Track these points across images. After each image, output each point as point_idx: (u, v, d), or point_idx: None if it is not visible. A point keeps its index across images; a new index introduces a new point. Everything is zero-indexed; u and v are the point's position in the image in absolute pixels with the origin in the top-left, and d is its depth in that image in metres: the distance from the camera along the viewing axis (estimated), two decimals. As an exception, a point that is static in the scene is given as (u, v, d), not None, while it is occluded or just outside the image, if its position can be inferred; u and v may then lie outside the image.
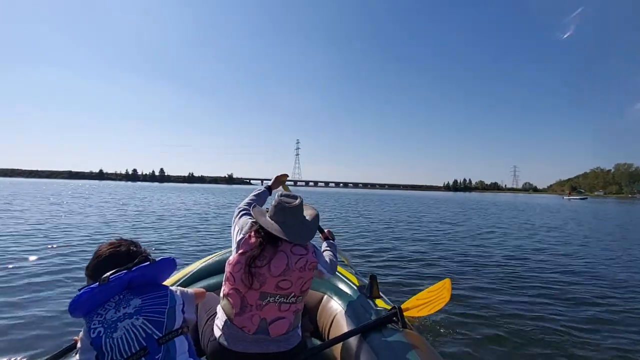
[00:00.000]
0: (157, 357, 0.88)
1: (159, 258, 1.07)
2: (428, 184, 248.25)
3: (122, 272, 0.96)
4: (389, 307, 1.55)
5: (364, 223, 10.95)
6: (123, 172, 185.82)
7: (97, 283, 0.91)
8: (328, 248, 1.68)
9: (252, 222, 1.34)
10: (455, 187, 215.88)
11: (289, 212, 1.31)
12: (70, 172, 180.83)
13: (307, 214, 1.43)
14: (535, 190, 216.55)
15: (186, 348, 0.96)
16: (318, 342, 1.57)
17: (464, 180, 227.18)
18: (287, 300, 1.26)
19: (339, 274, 2.02)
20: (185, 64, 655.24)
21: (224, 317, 1.25)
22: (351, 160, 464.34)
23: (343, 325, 1.55)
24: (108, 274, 0.93)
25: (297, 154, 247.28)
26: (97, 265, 1.04)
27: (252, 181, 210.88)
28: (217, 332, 1.26)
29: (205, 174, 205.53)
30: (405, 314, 1.46)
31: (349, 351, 1.34)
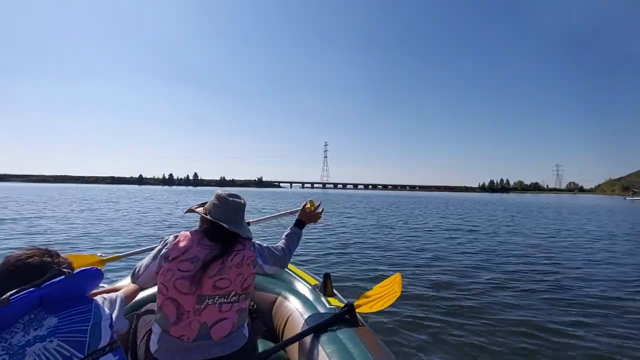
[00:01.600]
0: None
1: (78, 269, 0.91)
2: (462, 184, 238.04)
3: (28, 291, 0.80)
4: (342, 305, 1.53)
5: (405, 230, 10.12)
6: (160, 176, 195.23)
7: None
8: (286, 237, 1.58)
9: (174, 235, 1.28)
10: (491, 187, 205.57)
11: (236, 210, 1.33)
12: (113, 177, 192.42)
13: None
14: (582, 190, 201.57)
15: None
16: (271, 344, 1.50)
17: (501, 180, 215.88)
18: (229, 300, 1.22)
19: (293, 274, 2.00)
20: (218, 73, 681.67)
21: (159, 330, 1.18)
22: (380, 162, 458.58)
23: (297, 325, 1.53)
24: (9, 294, 0.77)
25: (325, 157, 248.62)
26: (6, 279, 0.86)
27: (281, 184, 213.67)
28: (153, 347, 1.18)
29: (236, 178, 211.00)
30: (357, 310, 1.45)
31: (302, 351, 1.32)
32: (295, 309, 1.65)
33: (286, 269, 2.08)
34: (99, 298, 0.96)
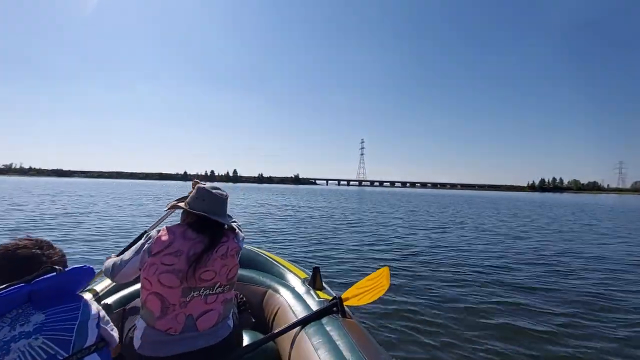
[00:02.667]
0: None
1: (70, 267, 0.89)
2: (509, 183, 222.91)
3: (18, 286, 0.78)
4: (330, 298, 1.56)
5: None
6: (202, 173, 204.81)
7: None
8: None
9: (156, 230, 1.26)
10: (542, 187, 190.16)
11: (220, 203, 1.34)
12: (160, 173, 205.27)
13: None
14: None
15: None
16: (260, 335, 1.51)
17: (554, 179, 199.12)
18: (214, 291, 1.24)
19: (283, 268, 2.05)
20: (253, 74, 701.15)
21: (143, 325, 1.19)
22: (419, 159, 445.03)
23: (286, 318, 1.56)
24: None
25: (362, 154, 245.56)
26: None
27: (317, 181, 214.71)
28: (137, 343, 1.18)
29: (273, 175, 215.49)
30: (345, 303, 1.47)
31: (290, 343, 1.35)
32: (284, 302, 1.67)
33: (276, 263, 2.11)
34: (94, 309, 0.91)
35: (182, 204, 1.37)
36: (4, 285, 0.77)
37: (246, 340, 1.45)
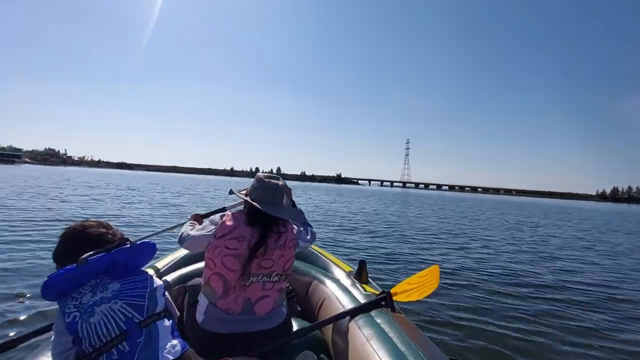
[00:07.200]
0: (138, 340, 0.85)
1: (139, 241, 1.01)
2: (572, 190, 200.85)
3: (101, 254, 0.90)
4: (377, 292, 1.57)
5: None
6: (248, 169, 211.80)
7: (75, 265, 0.85)
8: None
9: (220, 215, 1.32)
10: (614, 196, 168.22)
11: (272, 191, 1.34)
12: (210, 169, 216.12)
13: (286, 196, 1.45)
14: None
15: (169, 331, 0.92)
16: (307, 324, 1.55)
17: (629, 188, 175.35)
18: (270, 279, 1.29)
19: (327, 260, 2.08)
20: (304, 72, 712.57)
21: (206, 302, 1.27)
22: (470, 162, 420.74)
23: (332, 308, 1.58)
24: (86, 255, 0.87)
25: (407, 154, 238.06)
26: (68, 248, 0.96)
27: (359, 181, 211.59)
28: (200, 318, 1.27)
29: (316, 173, 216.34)
30: (394, 298, 1.47)
31: (338, 333, 1.37)
32: (330, 293, 1.67)
33: (320, 255, 2.16)
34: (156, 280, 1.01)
35: (242, 193, 1.41)
36: (91, 253, 0.88)
37: (294, 327, 1.46)
